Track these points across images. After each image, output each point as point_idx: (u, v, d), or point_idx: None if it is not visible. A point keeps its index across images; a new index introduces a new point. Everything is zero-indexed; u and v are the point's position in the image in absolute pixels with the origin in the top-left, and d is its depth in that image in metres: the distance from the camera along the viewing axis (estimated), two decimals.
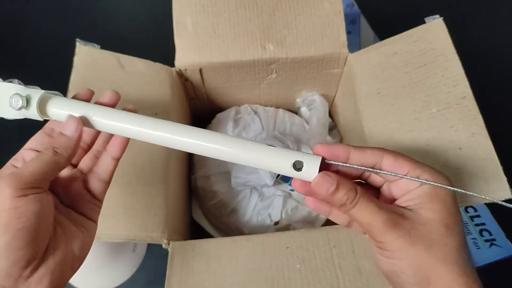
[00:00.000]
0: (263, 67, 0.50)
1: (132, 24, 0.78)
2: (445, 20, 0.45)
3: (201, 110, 0.60)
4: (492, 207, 0.56)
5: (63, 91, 0.42)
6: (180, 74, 0.50)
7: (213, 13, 0.48)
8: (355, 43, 0.67)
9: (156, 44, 0.60)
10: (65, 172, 0.31)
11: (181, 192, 0.50)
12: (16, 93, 0.28)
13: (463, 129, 0.40)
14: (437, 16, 0.45)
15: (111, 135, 0.32)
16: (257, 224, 0.52)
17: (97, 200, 0.31)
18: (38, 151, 0.29)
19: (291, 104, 0.60)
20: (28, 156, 0.29)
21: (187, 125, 0.30)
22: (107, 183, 0.32)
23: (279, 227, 0.52)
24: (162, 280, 0.38)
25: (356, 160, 0.28)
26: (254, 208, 0.51)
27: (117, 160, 0.31)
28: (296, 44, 0.48)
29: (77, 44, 0.45)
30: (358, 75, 0.47)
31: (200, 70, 0.49)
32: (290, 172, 0.28)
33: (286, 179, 0.54)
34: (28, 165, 0.26)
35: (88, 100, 0.32)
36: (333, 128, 0.61)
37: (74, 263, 0.28)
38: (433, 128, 0.41)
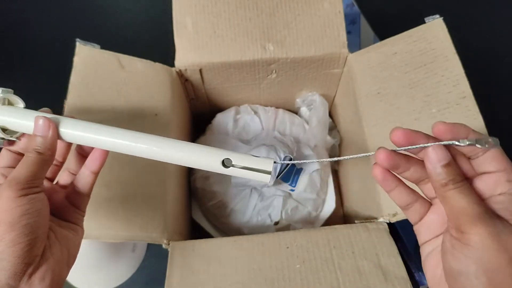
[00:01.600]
0: (263, 67, 0.50)
1: (132, 24, 0.78)
2: (445, 20, 0.45)
3: (201, 110, 0.60)
4: None
5: (63, 91, 0.42)
6: (180, 74, 0.50)
7: (213, 13, 0.48)
8: (355, 43, 0.67)
9: (156, 44, 0.60)
10: (45, 184, 0.32)
11: (180, 193, 0.50)
12: None
13: None
14: (437, 16, 0.45)
15: (78, 153, 0.33)
16: (257, 224, 0.52)
17: (80, 210, 0.32)
18: (10, 168, 0.30)
19: (291, 104, 0.60)
20: (5, 172, 0.30)
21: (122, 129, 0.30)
22: (88, 195, 0.33)
23: (279, 227, 0.52)
24: (162, 280, 0.38)
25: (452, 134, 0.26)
26: (254, 208, 0.51)
27: (96, 174, 0.32)
28: (296, 44, 0.48)
29: (77, 44, 0.45)
30: (358, 75, 0.47)
31: (200, 70, 0.49)
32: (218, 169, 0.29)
33: (286, 179, 0.54)
34: (18, 169, 0.28)
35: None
36: (333, 128, 0.61)
37: (69, 261, 0.30)
38: None
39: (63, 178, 0.34)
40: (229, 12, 0.48)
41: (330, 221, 0.55)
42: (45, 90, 0.48)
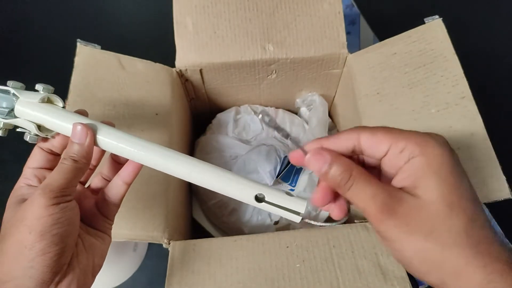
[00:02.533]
0: (263, 68, 0.50)
1: (132, 24, 0.78)
2: (444, 21, 0.45)
3: (201, 110, 0.60)
4: (492, 207, 0.56)
5: (64, 91, 0.43)
6: (181, 75, 0.50)
7: (213, 14, 0.48)
8: (354, 44, 0.68)
9: (157, 44, 0.60)
10: (77, 188, 0.32)
11: (181, 192, 0.50)
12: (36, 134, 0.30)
13: (462, 129, 0.40)
14: (437, 16, 0.46)
15: (113, 159, 0.33)
16: (257, 224, 0.52)
17: (108, 219, 0.32)
18: (45, 169, 0.30)
19: (291, 104, 0.60)
20: (38, 173, 0.30)
21: (183, 155, 0.30)
22: (117, 206, 0.32)
23: (279, 226, 0.52)
24: (163, 280, 0.38)
25: (334, 149, 0.26)
26: (254, 208, 0.52)
27: (128, 184, 0.32)
28: (296, 44, 0.48)
29: (78, 44, 0.45)
30: (357, 75, 0.47)
31: (200, 71, 0.50)
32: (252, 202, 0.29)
33: (286, 179, 0.54)
34: (54, 175, 0.28)
35: None
36: (333, 128, 0.61)
37: (94, 270, 0.29)
38: (432, 128, 0.41)
39: (95, 182, 0.33)
40: (229, 12, 0.49)
41: (330, 221, 0.55)
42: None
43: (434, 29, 0.45)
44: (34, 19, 0.78)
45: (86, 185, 0.34)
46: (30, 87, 0.32)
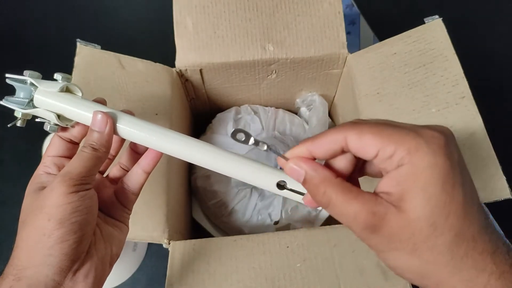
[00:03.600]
0: (263, 68, 0.50)
1: (132, 24, 0.78)
2: (444, 21, 0.45)
3: (201, 110, 0.61)
4: (492, 207, 0.56)
5: None
6: (181, 75, 0.50)
7: (214, 14, 0.48)
8: (354, 44, 0.68)
9: (157, 44, 0.60)
10: (96, 178, 0.32)
11: (181, 192, 0.50)
12: (55, 124, 0.30)
13: (462, 129, 0.40)
14: (436, 16, 0.46)
15: (132, 149, 0.33)
16: (257, 224, 0.52)
17: (127, 209, 0.32)
18: (64, 157, 0.30)
19: (291, 104, 0.60)
20: (58, 162, 0.30)
21: (197, 140, 0.31)
22: (136, 195, 0.32)
23: (279, 226, 0.52)
24: (163, 280, 0.38)
25: (320, 153, 0.24)
26: (254, 208, 0.52)
27: (148, 173, 0.32)
28: (296, 44, 0.48)
29: (78, 44, 0.45)
30: (357, 75, 0.47)
31: (201, 71, 0.50)
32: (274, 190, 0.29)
33: None
34: (73, 163, 0.28)
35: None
36: None
37: (112, 260, 0.30)
38: None
39: (113, 172, 0.33)
40: (229, 12, 0.49)
41: (330, 221, 0.55)
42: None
43: (434, 29, 0.45)
44: (34, 19, 0.78)
45: (105, 175, 0.34)
46: None
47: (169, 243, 0.40)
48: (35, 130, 0.32)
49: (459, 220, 0.22)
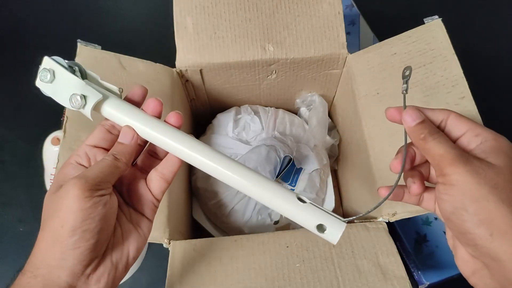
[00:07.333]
0: (263, 68, 0.50)
1: (133, 25, 0.78)
2: (444, 21, 0.45)
3: (202, 110, 0.61)
4: None
5: None
6: (181, 75, 0.50)
7: (214, 14, 0.49)
8: (354, 44, 0.68)
9: (157, 45, 0.61)
10: (128, 171, 0.32)
11: (182, 192, 0.51)
12: (76, 94, 0.30)
13: None
14: (436, 16, 0.46)
15: None
16: (257, 224, 0.52)
17: (156, 200, 0.32)
18: (99, 147, 0.31)
19: (291, 104, 0.61)
20: (91, 153, 0.30)
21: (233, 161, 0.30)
22: (168, 183, 0.32)
23: (279, 226, 0.52)
24: (163, 280, 0.38)
25: (431, 115, 0.30)
26: (254, 208, 0.52)
27: (181, 162, 0.32)
28: (295, 45, 0.48)
29: (78, 44, 0.45)
30: (357, 75, 0.47)
31: (201, 71, 0.50)
32: (314, 231, 0.29)
33: (286, 179, 0.54)
34: (92, 168, 0.28)
35: (142, 100, 0.33)
36: (333, 128, 0.61)
37: (128, 264, 0.29)
38: None
39: (142, 160, 0.33)
40: (229, 13, 0.49)
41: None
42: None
43: (434, 29, 0.45)
44: (34, 19, 0.78)
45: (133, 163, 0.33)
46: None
47: (170, 243, 0.40)
48: (35, 132, 0.32)
49: None
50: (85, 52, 0.45)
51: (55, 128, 0.59)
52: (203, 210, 0.56)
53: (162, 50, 0.50)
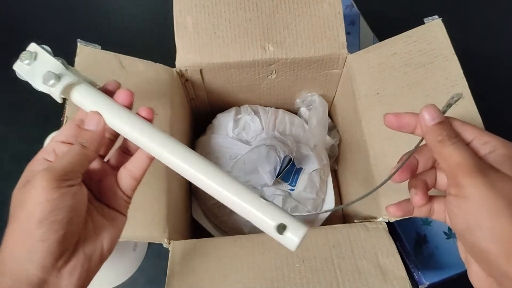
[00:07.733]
0: (263, 68, 0.50)
1: (133, 24, 0.78)
2: (444, 21, 0.45)
3: (202, 110, 0.61)
4: None
5: None
6: (181, 75, 0.50)
7: (214, 14, 0.49)
8: (354, 44, 0.68)
9: (157, 44, 0.61)
10: (97, 166, 0.31)
11: (181, 192, 0.51)
12: (50, 71, 0.29)
13: None
14: (436, 16, 0.46)
15: None
16: None
17: (126, 196, 0.32)
18: (68, 143, 0.30)
19: (291, 104, 0.61)
20: (58, 149, 0.29)
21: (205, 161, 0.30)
22: (138, 180, 0.32)
23: None
24: (163, 280, 0.38)
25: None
26: None
27: (152, 159, 0.31)
28: (295, 44, 0.48)
29: (78, 44, 0.45)
30: (357, 75, 0.47)
31: (201, 71, 0.50)
32: (272, 233, 0.29)
33: (286, 179, 0.54)
34: (59, 159, 0.27)
35: (115, 91, 0.32)
36: (333, 128, 0.61)
37: (102, 256, 0.29)
38: None
39: (114, 157, 0.33)
40: (229, 12, 0.49)
41: (330, 221, 0.55)
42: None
43: (434, 29, 0.45)
44: (34, 19, 0.78)
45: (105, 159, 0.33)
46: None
47: (169, 243, 0.40)
48: (34, 130, 0.32)
49: None
50: (85, 52, 0.45)
51: (55, 128, 0.59)
52: (202, 209, 0.56)
53: (162, 50, 0.49)
